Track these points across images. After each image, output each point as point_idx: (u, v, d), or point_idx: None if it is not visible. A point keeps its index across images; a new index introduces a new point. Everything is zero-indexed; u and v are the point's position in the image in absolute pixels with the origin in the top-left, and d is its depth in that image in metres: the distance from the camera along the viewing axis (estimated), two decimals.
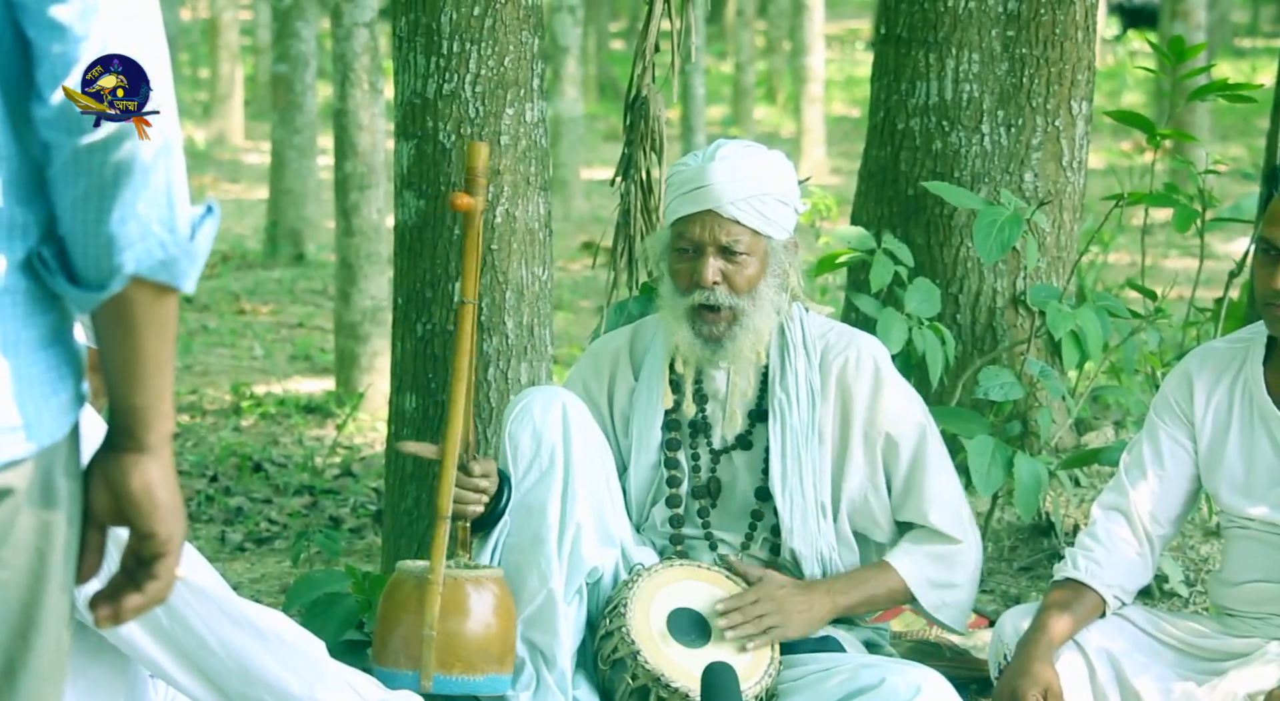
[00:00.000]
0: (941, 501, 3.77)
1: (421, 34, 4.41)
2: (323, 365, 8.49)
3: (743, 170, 3.70)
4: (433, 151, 4.42)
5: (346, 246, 7.41)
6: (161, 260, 1.90)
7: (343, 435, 6.96)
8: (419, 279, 4.47)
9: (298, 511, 5.98)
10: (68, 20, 1.85)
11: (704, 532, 3.85)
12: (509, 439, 3.75)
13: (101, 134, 1.85)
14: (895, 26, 5.13)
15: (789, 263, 3.75)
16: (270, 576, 5.26)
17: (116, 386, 1.95)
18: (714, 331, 3.69)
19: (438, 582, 3.58)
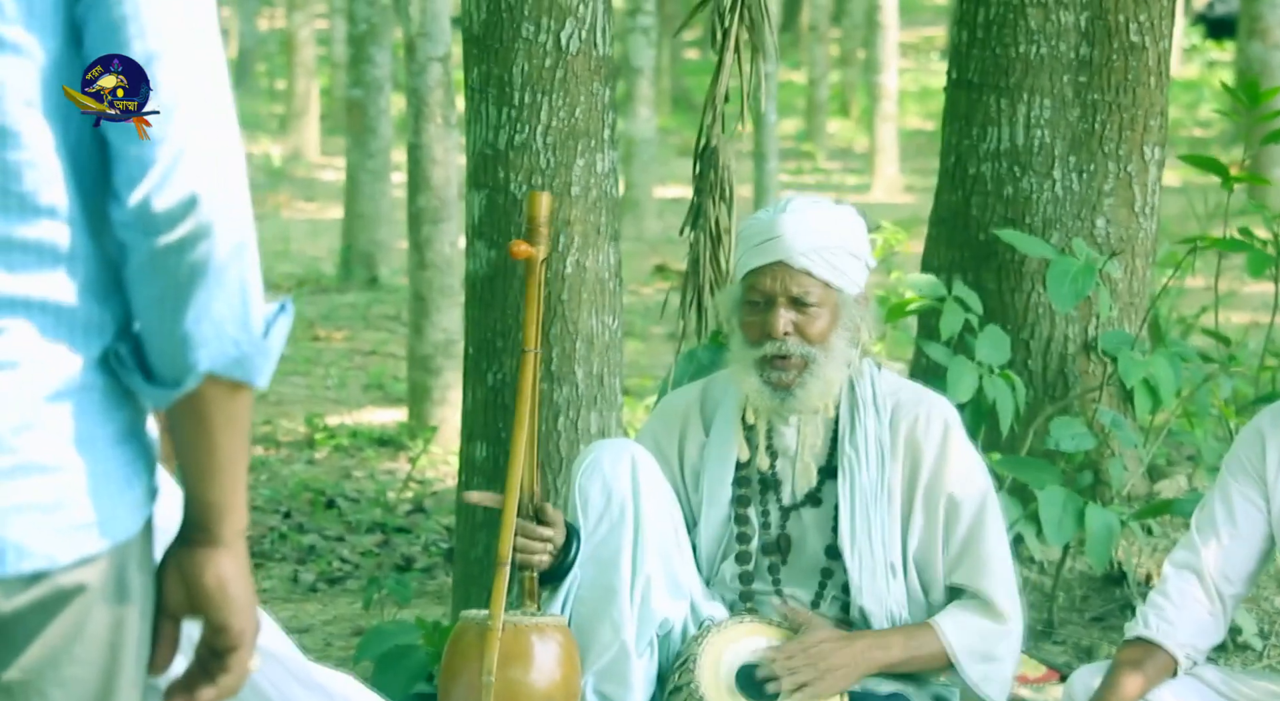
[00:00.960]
0: (995, 571, 3.76)
1: (493, 85, 4.43)
2: (396, 395, 8.53)
3: (813, 222, 3.71)
4: (504, 202, 4.44)
5: (420, 279, 7.45)
6: (236, 358, 1.92)
7: (415, 469, 6.99)
8: (490, 328, 4.49)
9: (370, 550, 6.01)
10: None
11: (774, 589, 3.85)
12: (578, 491, 3.76)
13: (178, 234, 1.87)
14: (966, 72, 5.12)
15: (860, 317, 3.75)
16: (342, 618, 5.29)
17: (191, 481, 1.98)
18: (784, 379, 3.70)
19: (497, 628, 3.59)
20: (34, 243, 1.89)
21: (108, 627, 1.94)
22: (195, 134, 1.88)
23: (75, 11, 1.89)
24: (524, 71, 4.40)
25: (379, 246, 11.38)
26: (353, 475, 7.10)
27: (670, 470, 3.87)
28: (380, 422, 7.98)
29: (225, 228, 1.89)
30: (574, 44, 4.41)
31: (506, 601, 3.66)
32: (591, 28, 4.42)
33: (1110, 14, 4.98)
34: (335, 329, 10.35)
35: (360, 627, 5.18)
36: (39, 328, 1.89)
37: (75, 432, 1.90)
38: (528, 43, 4.39)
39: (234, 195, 1.90)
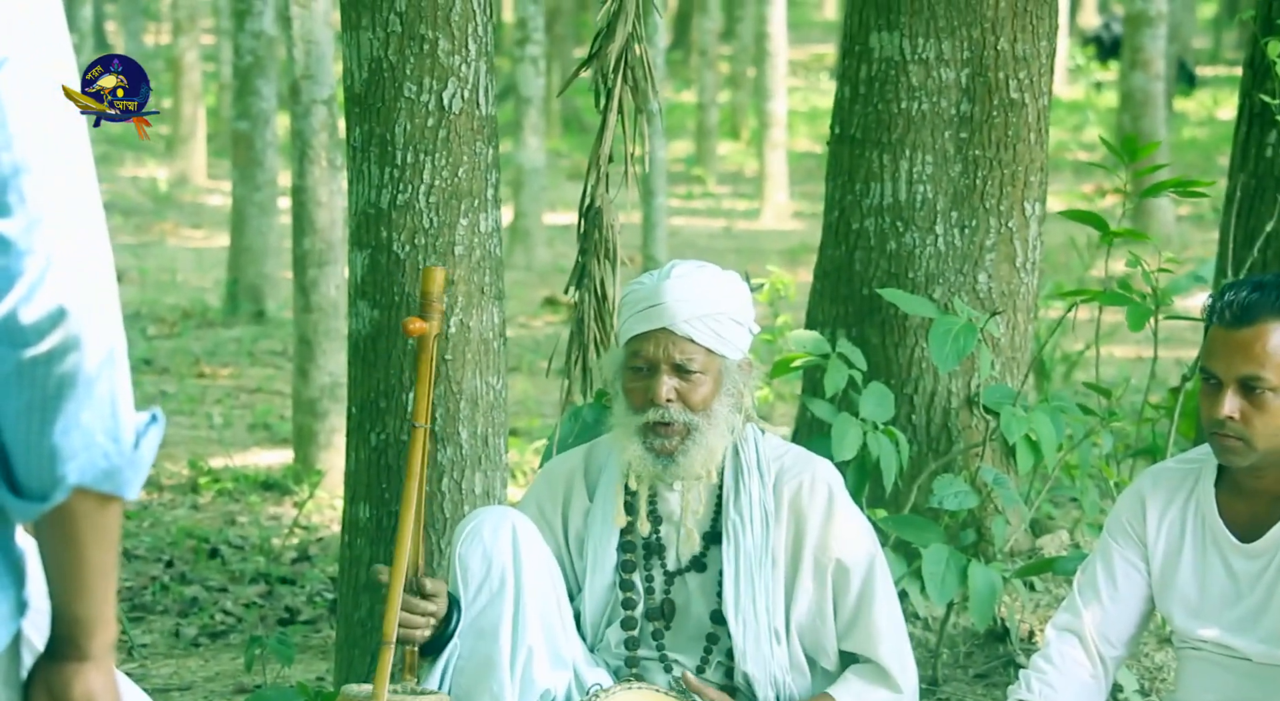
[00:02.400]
0: (888, 637, 3.77)
1: (375, 144, 4.41)
2: (282, 434, 8.47)
3: (697, 289, 3.72)
4: (386, 262, 4.41)
5: (305, 322, 7.40)
6: (105, 470, 1.90)
7: (301, 515, 6.94)
8: (373, 389, 4.46)
9: (253, 602, 5.96)
10: (11, 234, 1.86)
11: (659, 655, 3.85)
12: (459, 561, 3.75)
13: (46, 346, 1.85)
14: (849, 127, 5.14)
15: (743, 383, 3.76)
16: (225, 675, 5.24)
17: (59, 595, 1.95)
18: (666, 446, 3.70)
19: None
20: None
21: None
22: (63, 245, 1.87)
23: None
24: (406, 131, 4.38)
25: (266, 280, 11.31)
26: (237, 520, 7.03)
27: (554, 536, 3.86)
28: (266, 464, 7.91)
29: (94, 339, 1.88)
30: (456, 104, 4.39)
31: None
32: (474, 87, 4.41)
33: (990, 71, 5.02)
34: (221, 365, 10.27)
35: (244, 685, 5.13)
36: None
37: None
38: (410, 102, 4.37)
39: (103, 305, 1.89)
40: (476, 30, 4.39)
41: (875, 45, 5.07)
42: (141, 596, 6.01)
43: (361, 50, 4.40)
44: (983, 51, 5.02)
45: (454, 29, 4.36)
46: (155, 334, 11.07)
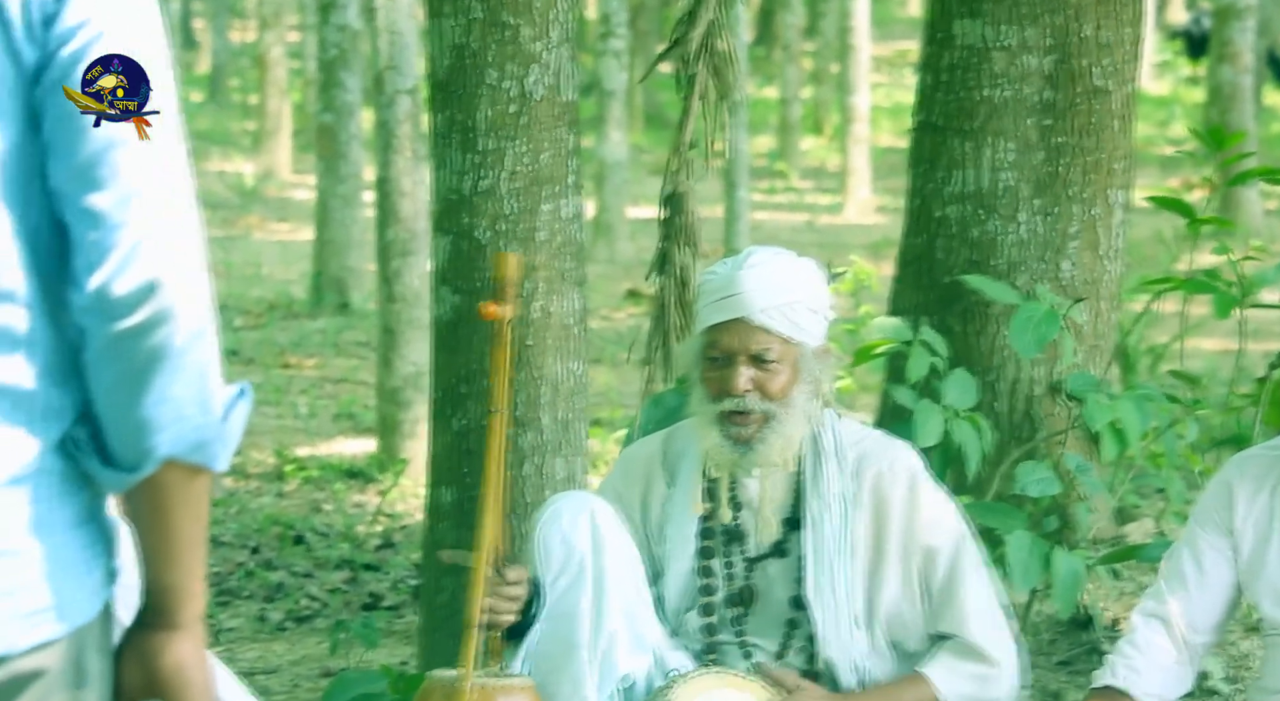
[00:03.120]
0: (979, 615, 3.75)
1: (458, 131, 4.43)
2: (366, 424, 8.52)
3: (773, 278, 3.70)
4: (468, 248, 4.44)
5: (389, 312, 7.44)
6: (195, 442, 1.92)
7: (384, 503, 6.99)
8: (455, 374, 4.48)
9: (338, 587, 6.00)
10: (104, 208, 1.88)
11: (739, 640, 3.85)
12: (540, 545, 3.76)
13: (137, 319, 1.87)
14: (932, 114, 5.13)
15: (821, 370, 3.75)
16: (310, 659, 5.28)
17: (149, 565, 1.97)
18: (743, 433, 3.70)
19: (465, 692, 3.59)
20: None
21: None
22: (155, 219, 1.88)
23: (34, 96, 1.89)
24: (488, 117, 4.40)
25: (350, 272, 11.38)
26: (322, 508, 7.09)
27: (633, 521, 3.87)
28: (350, 453, 7.97)
29: (184, 313, 1.89)
30: (538, 90, 4.41)
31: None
32: (556, 74, 4.42)
33: (1074, 58, 5.00)
34: (306, 356, 10.34)
35: (328, 669, 5.17)
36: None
37: (32, 517, 1.90)
38: (492, 89, 4.39)
39: (193, 280, 1.90)
40: (558, 16, 4.41)
41: (958, 32, 5.06)
42: (228, 582, 6.06)
43: (445, 38, 4.43)
44: (1066, 38, 5.00)
45: (536, 15, 4.38)
46: (241, 325, 11.17)
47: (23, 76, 1.88)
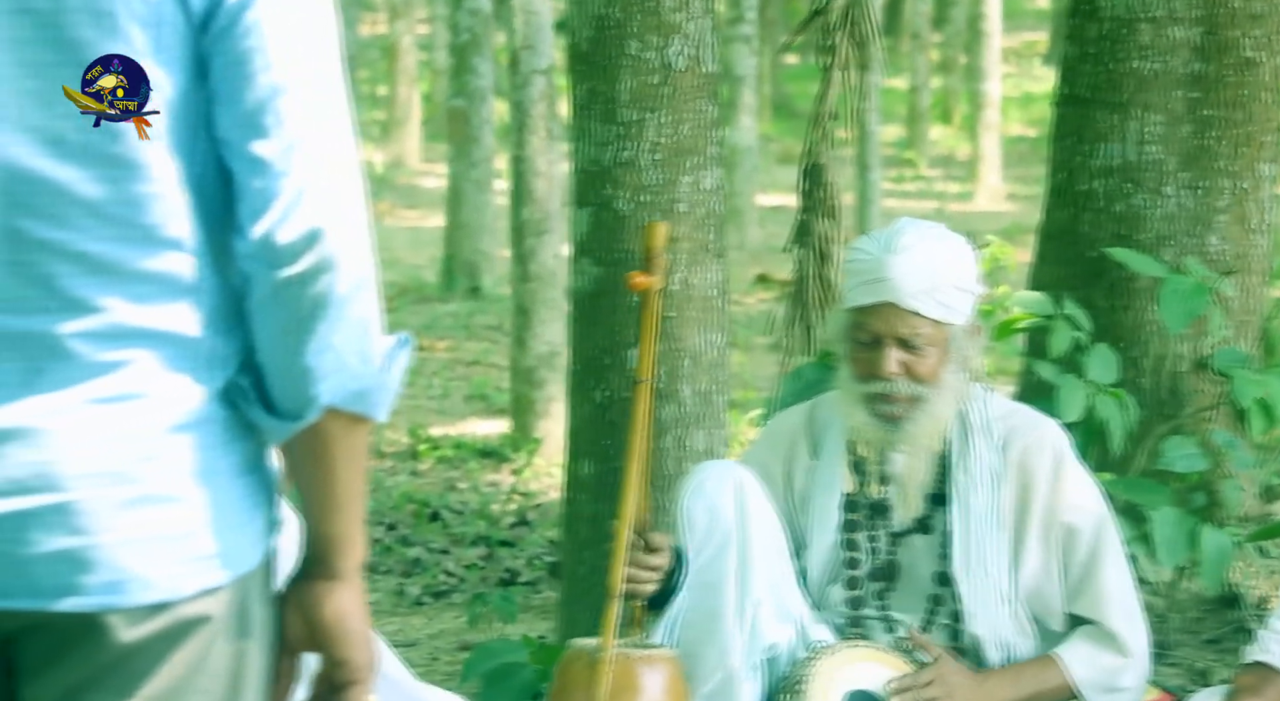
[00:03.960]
0: (1116, 601, 3.70)
1: (599, 102, 4.43)
2: (498, 405, 8.56)
3: (923, 262, 3.62)
4: (609, 219, 4.43)
5: (523, 292, 7.46)
6: (356, 391, 1.92)
7: (519, 482, 7.01)
8: (596, 346, 4.48)
9: (474, 563, 6.03)
10: (270, 156, 1.88)
11: (881, 614, 3.82)
12: (684, 515, 3.74)
13: (300, 267, 1.88)
14: (1077, 87, 5.07)
15: (970, 348, 3.70)
16: (448, 632, 5.31)
17: (310, 515, 1.98)
18: (893, 412, 3.65)
19: (608, 661, 3.58)
20: (159, 274, 1.90)
21: (230, 659, 1.95)
22: (319, 168, 1.89)
23: (201, 44, 1.90)
24: (630, 88, 4.39)
25: (481, 256, 11.43)
26: (457, 487, 7.12)
27: (777, 493, 3.84)
28: (483, 434, 8.00)
29: (347, 261, 1.89)
30: (680, 61, 4.39)
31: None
32: (698, 45, 4.41)
33: (1223, 29, 4.92)
34: (438, 339, 10.39)
35: (466, 642, 5.19)
36: (163, 359, 1.91)
37: (197, 464, 1.92)
38: (634, 60, 4.39)
39: (356, 229, 1.91)
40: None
41: (1104, 4, 4.99)
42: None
43: (587, 8, 4.42)
44: (1214, 9, 4.92)
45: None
46: None
47: (191, 24, 1.89)
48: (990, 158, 16.18)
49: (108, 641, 1.89)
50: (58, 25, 1.86)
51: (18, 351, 1.88)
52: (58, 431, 1.87)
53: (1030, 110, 22.35)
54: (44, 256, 1.88)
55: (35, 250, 1.88)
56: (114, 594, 1.88)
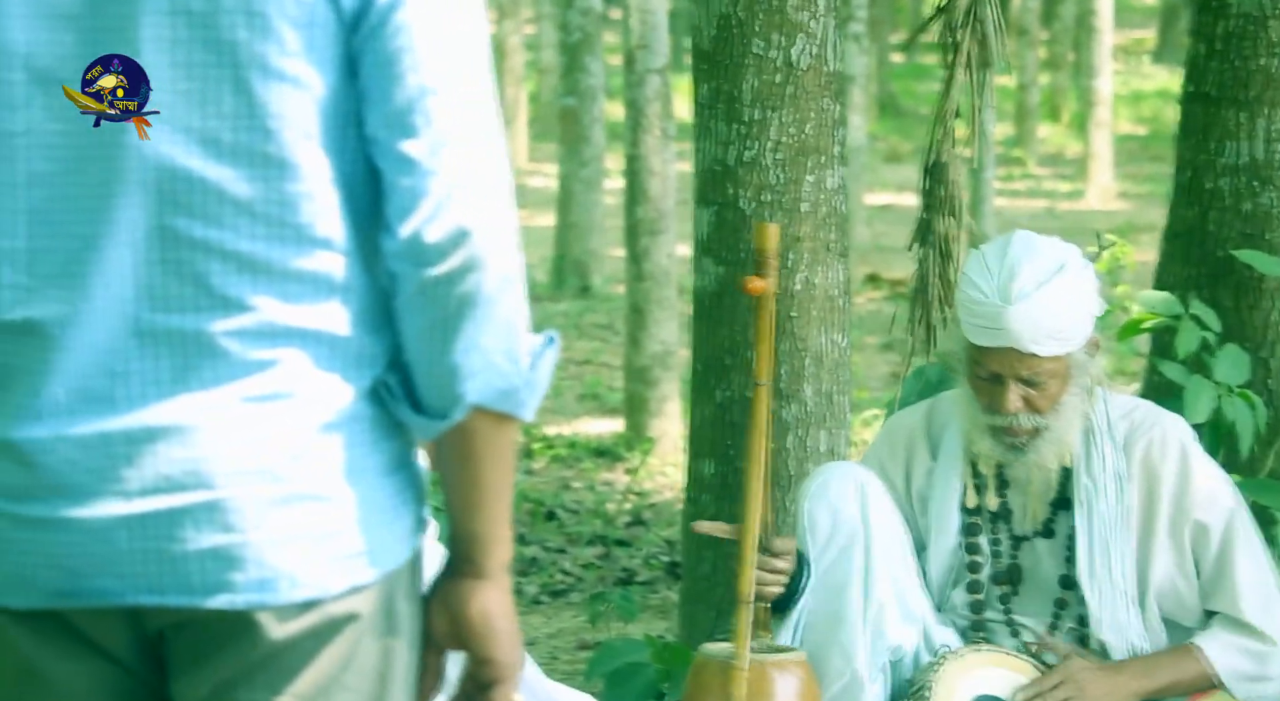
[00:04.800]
0: (1253, 592, 3.66)
1: (723, 101, 4.42)
2: (611, 405, 8.56)
3: (1043, 310, 3.53)
4: (733, 218, 4.42)
5: (637, 291, 7.46)
6: (503, 390, 1.92)
7: (634, 481, 7.01)
8: (718, 346, 4.47)
9: (591, 563, 6.03)
10: (418, 155, 1.89)
11: (1005, 618, 3.79)
12: (806, 516, 3.73)
13: (448, 266, 1.88)
14: (1204, 84, 5.00)
15: (1091, 362, 3.66)
16: (567, 632, 5.31)
17: (456, 513, 1.98)
18: (1016, 443, 3.64)
19: (742, 668, 3.57)
20: (310, 273, 1.92)
21: (377, 656, 1.96)
22: (467, 167, 1.89)
23: (352, 44, 1.91)
24: (754, 87, 4.38)
25: (592, 255, 11.44)
26: (571, 486, 7.13)
27: (897, 493, 3.83)
28: (597, 433, 8.01)
29: (495, 260, 1.90)
30: (804, 60, 4.38)
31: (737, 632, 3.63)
32: (822, 43, 4.39)
33: None
34: None
35: (585, 641, 5.20)
36: (313, 358, 1.92)
37: (345, 463, 1.93)
38: (758, 59, 4.37)
39: (503, 228, 1.91)
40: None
41: (1233, 0, 4.93)
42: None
43: (711, 8, 4.41)
44: None
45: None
46: None
47: (342, 24, 1.90)
48: (1102, 156, 16.02)
49: (258, 638, 1.90)
50: (214, 26, 1.88)
51: (170, 349, 1.90)
52: (209, 429, 1.89)
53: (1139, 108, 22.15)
54: (197, 255, 1.89)
55: (188, 248, 1.89)
56: (264, 591, 1.89)
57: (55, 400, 1.90)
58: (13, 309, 1.91)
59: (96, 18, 1.88)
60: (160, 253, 1.89)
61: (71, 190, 1.90)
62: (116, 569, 1.89)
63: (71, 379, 1.90)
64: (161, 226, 1.89)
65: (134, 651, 1.94)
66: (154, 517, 1.88)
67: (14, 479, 1.91)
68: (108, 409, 1.89)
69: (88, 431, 1.89)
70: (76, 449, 1.89)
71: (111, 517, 1.89)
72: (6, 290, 1.91)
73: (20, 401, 1.91)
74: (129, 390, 1.89)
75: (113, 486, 1.88)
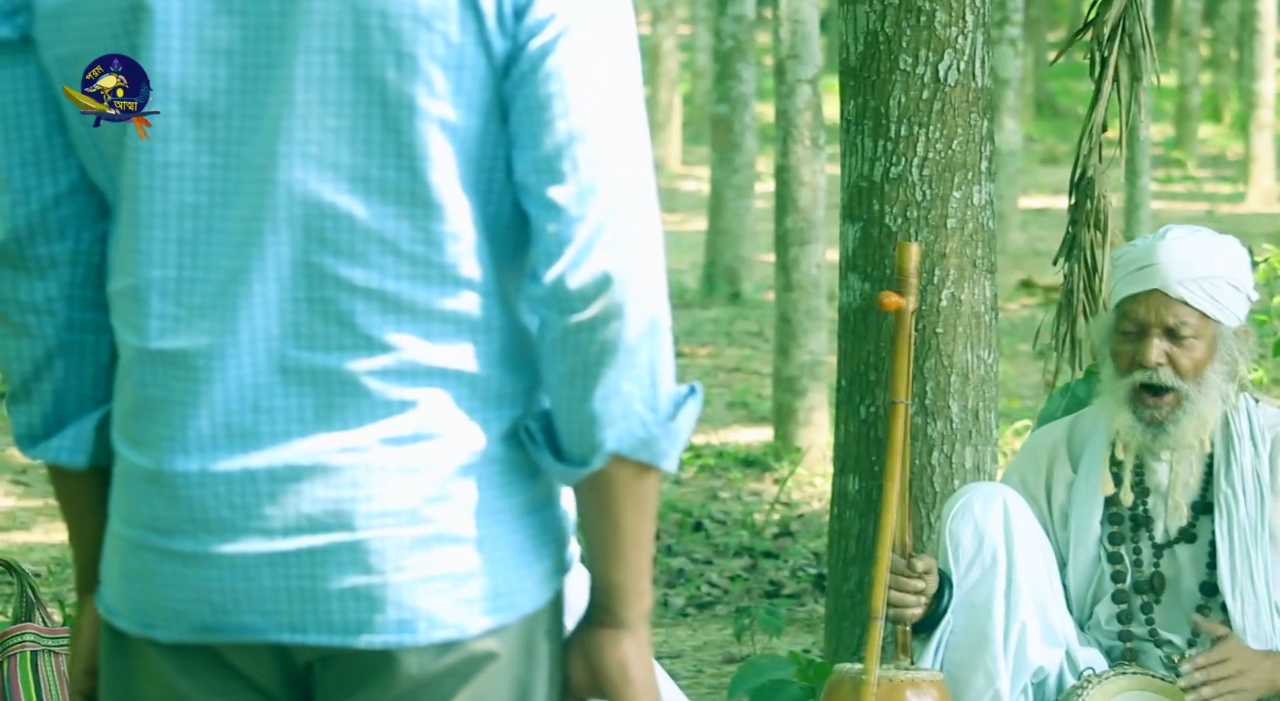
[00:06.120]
0: None
1: (869, 117, 4.41)
2: (760, 413, 8.55)
3: (1192, 251, 3.62)
4: (879, 234, 4.41)
5: (786, 301, 7.46)
6: (643, 438, 1.91)
7: (782, 492, 7.00)
8: (863, 361, 4.46)
9: (738, 575, 6.03)
10: (565, 201, 1.89)
11: (1149, 633, 3.76)
12: (949, 536, 3.72)
13: (590, 313, 1.89)
14: None
15: (1239, 350, 3.65)
16: (712, 645, 5.32)
17: (596, 561, 1.97)
18: (1156, 415, 3.61)
19: (872, 685, 3.57)
20: (452, 313, 1.92)
21: (515, 696, 1.96)
22: (614, 214, 1.89)
23: (503, 88, 1.91)
24: (900, 104, 4.37)
25: (743, 262, 11.44)
26: (719, 496, 7.14)
27: (1038, 509, 3.81)
28: (745, 442, 8.01)
29: (638, 308, 1.89)
30: (952, 76, 4.36)
31: (881, 653, 3.62)
32: (970, 59, 4.37)
33: None
34: (699, 345, 10.42)
35: (731, 655, 5.20)
36: (453, 398, 1.93)
37: (483, 504, 1.93)
38: (905, 74, 4.36)
39: (648, 275, 1.90)
40: (974, 1, 4.35)
41: None
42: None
43: (858, 23, 4.41)
44: None
45: (952, 0, 4.33)
46: None
47: (493, 68, 1.90)
48: (1263, 158, 15.78)
49: (399, 675, 1.92)
50: (364, 65, 1.89)
51: (315, 387, 1.91)
52: (351, 469, 1.90)
53: None
54: (342, 293, 1.91)
55: (333, 286, 1.91)
56: (404, 632, 1.91)
57: (201, 433, 1.92)
58: (162, 338, 1.93)
59: (250, 54, 1.90)
60: (306, 289, 1.91)
61: (220, 223, 1.92)
62: (260, 606, 1.92)
63: (218, 412, 1.92)
64: (308, 263, 1.91)
65: (282, 685, 1.97)
66: (296, 556, 1.91)
67: (161, 511, 1.93)
68: (252, 444, 1.91)
69: (233, 467, 1.91)
70: (223, 484, 1.91)
71: (255, 554, 1.91)
72: (155, 319, 1.93)
73: (168, 433, 1.93)
74: (273, 427, 1.91)
75: (257, 523, 1.91)
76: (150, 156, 1.92)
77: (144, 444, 1.95)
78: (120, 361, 1.99)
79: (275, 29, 1.90)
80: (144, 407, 1.95)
